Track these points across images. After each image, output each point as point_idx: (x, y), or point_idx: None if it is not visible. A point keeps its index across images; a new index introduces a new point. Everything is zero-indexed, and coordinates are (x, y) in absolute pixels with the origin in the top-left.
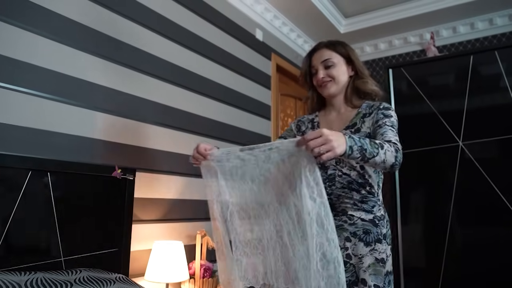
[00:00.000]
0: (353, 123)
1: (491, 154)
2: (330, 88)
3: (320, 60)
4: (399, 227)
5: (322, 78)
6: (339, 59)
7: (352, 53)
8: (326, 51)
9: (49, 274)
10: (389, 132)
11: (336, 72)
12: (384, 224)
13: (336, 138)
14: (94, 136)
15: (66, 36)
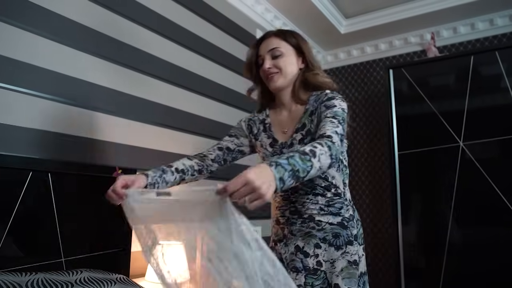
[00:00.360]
0: (302, 124)
1: (491, 154)
2: (277, 80)
3: (268, 49)
4: (399, 227)
5: (268, 68)
6: (288, 49)
7: (303, 44)
8: (275, 39)
9: (50, 274)
10: (327, 124)
11: (284, 63)
12: (354, 224)
13: (263, 181)
14: (95, 137)
15: (67, 37)
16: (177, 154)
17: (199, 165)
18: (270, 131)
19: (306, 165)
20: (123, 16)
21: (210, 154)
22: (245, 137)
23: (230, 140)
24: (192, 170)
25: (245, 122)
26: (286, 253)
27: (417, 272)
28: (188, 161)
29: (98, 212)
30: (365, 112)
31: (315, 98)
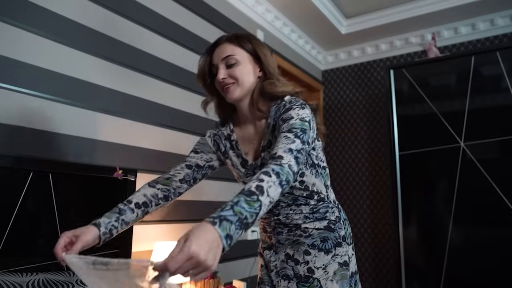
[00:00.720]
0: (268, 142)
1: (492, 154)
2: (234, 92)
3: (221, 57)
4: (400, 227)
5: (223, 79)
6: (244, 56)
7: (260, 50)
8: (229, 46)
9: (51, 275)
10: (281, 141)
11: (240, 72)
12: (341, 225)
13: (208, 250)
14: (95, 137)
15: (68, 37)
16: (177, 155)
17: (165, 191)
18: (238, 150)
19: (253, 208)
20: (124, 16)
21: (177, 174)
22: (213, 153)
23: (198, 157)
24: (156, 200)
25: (210, 138)
26: (276, 260)
27: (418, 273)
28: (150, 189)
29: (99, 212)
30: (366, 113)
31: (275, 110)
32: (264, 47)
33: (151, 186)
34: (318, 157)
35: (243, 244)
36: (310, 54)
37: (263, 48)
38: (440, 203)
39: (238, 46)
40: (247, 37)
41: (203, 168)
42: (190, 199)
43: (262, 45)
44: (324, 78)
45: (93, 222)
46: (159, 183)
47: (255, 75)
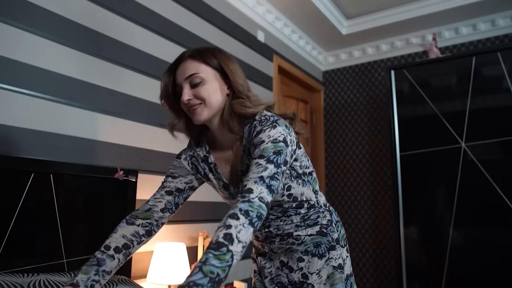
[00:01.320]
0: (246, 165)
1: (493, 155)
2: (201, 113)
3: (184, 76)
4: (401, 228)
5: (188, 100)
6: (210, 73)
7: (227, 64)
8: (192, 63)
9: (52, 275)
10: (252, 170)
11: (206, 92)
12: (333, 228)
13: None
14: (96, 138)
15: (68, 38)
16: None
17: (146, 226)
18: (217, 173)
19: (225, 262)
20: (123, 16)
21: (158, 203)
22: (192, 175)
23: (177, 181)
24: (138, 238)
25: (187, 161)
26: (271, 267)
27: (419, 273)
28: (129, 228)
29: (100, 213)
30: (367, 113)
31: (248, 130)
32: (231, 62)
33: (130, 223)
34: (302, 165)
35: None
36: (311, 55)
37: (230, 63)
38: (441, 204)
39: (202, 62)
40: (211, 52)
41: (184, 191)
42: (191, 199)
43: (228, 60)
44: (325, 78)
45: (71, 283)
46: (139, 218)
47: (223, 92)
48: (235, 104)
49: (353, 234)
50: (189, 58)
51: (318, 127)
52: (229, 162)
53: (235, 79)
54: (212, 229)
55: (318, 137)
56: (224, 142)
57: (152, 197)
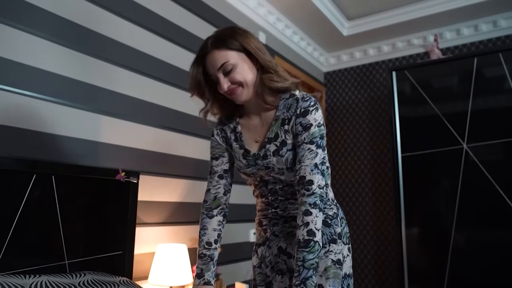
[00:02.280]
0: (275, 134)
1: (495, 156)
2: (242, 95)
3: (217, 67)
4: (403, 229)
5: (228, 88)
6: (237, 56)
7: (248, 43)
8: (218, 53)
9: (54, 277)
10: (306, 155)
11: (240, 75)
12: (338, 222)
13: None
14: (98, 139)
15: (70, 39)
16: (180, 157)
17: (221, 212)
18: (241, 141)
19: (316, 251)
20: (129, 20)
21: (219, 190)
22: (226, 150)
23: (220, 163)
24: (222, 225)
25: (219, 136)
26: (270, 255)
27: (420, 275)
28: (213, 221)
29: (102, 214)
30: (368, 114)
31: (284, 104)
32: (251, 39)
33: (211, 216)
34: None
35: (245, 246)
36: (312, 56)
37: (251, 41)
38: (442, 205)
39: (227, 49)
40: (232, 36)
41: (230, 170)
42: (192, 201)
43: (248, 38)
44: (326, 80)
45: (204, 283)
46: (213, 209)
47: (253, 69)
48: (265, 78)
49: (355, 235)
50: (214, 48)
51: None
52: (256, 130)
53: (260, 56)
54: None
55: None
56: (254, 111)
57: (210, 185)
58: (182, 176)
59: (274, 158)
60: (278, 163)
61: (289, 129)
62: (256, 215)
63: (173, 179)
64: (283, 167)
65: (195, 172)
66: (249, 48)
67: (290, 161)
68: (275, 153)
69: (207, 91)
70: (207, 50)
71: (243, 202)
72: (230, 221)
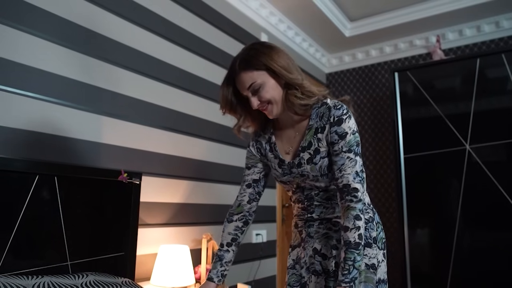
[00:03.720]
0: (308, 143)
1: (498, 157)
2: (272, 110)
3: (245, 88)
4: (405, 231)
5: (258, 105)
6: (263, 75)
7: (271, 63)
8: (246, 74)
9: (56, 278)
10: (346, 164)
11: (268, 93)
12: (374, 226)
13: None
14: (100, 140)
15: (72, 41)
16: (183, 158)
17: (241, 218)
18: (275, 151)
19: (362, 254)
20: (131, 21)
21: (244, 198)
22: (260, 161)
23: (251, 173)
24: (240, 230)
25: (254, 147)
26: (305, 256)
27: (423, 276)
28: (231, 225)
29: (104, 215)
30: (370, 116)
31: (317, 113)
32: (275, 58)
33: (230, 221)
34: None
35: (248, 248)
36: (314, 57)
37: (275, 61)
38: (445, 206)
39: (253, 70)
40: (256, 57)
41: (260, 180)
42: (194, 202)
43: (271, 58)
44: (329, 81)
45: (208, 278)
46: (234, 215)
47: (280, 85)
48: (290, 95)
49: None
50: (241, 71)
51: None
52: (290, 141)
53: (283, 74)
54: (216, 231)
55: None
56: (287, 122)
57: (238, 192)
58: (184, 177)
59: (308, 166)
60: (312, 171)
61: (323, 137)
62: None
63: (175, 180)
64: (317, 174)
65: (197, 173)
66: (273, 68)
67: (324, 168)
68: (309, 161)
69: (240, 108)
70: (235, 73)
71: None
72: None
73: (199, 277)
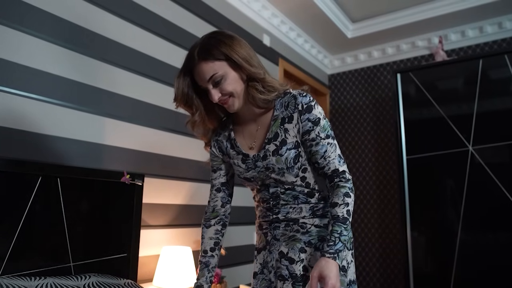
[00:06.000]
0: (275, 134)
1: (501, 158)
2: (234, 104)
3: (206, 80)
4: (408, 232)
5: (219, 99)
6: (224, 66)
7: (232, 54)
8: (206, 64)
9: (59, 279)
10: (329, 149)
11: (230, 86)
12: None
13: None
14: (103, 142)
15: (75, 42)
16: (185, 159)
17: (219, 222)
18: (237, 147)
19: (350, 229)
20: (134, 23)
21: (216, 203)
22: (223, 162)
23: (218, 176)
24: (220, 233)
25: (215, 148)
26: (272, 260)
27: (426, 277)
28: (210, 230)
29: (107, 217)
30: (373, 117)
31: (281, 103)
32: (237, 48)
33: (208, 226)
34: None
35: (249, 249)
36: (317, 58)
37: (236, 52)
38: (448, 208)
39: (214, 60)
40: (217, 46)
41: (228, 183)
42: (197, 203)
43: (232, 49)
44: (331, 82)
45: (197, 286)
46: (211, 219)
47: (242, 78)
48: (251, 89)
49: (360, 238)
50: (201, 60)
51: None
52: (252, 135)
53: (244, 66)
54: None
55: None
56: (247, 116)
57: (210, 197)
58: (187, 179)
59: (274, 158)
60: (278, 163)
61: (292, 127)
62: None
63: (178, 182)
64: (283, 167)
65: (200, 175)
66: (234, 59)
67: (290, 161)
68: (275, 152)
69: (197, 102)
70: (194, 62)
71: (247, 204)
72: (234, 224)
73: None
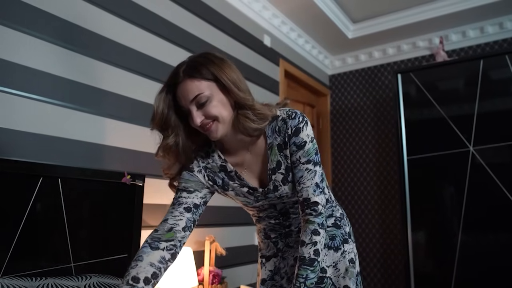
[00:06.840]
0: (277, 163)
1: (502, 159)
2: (217, 131)
3: (189, 99)
4: (409, 232)
5: (201, 122)
6: (212, 87)
7: (221, 75)
8: (192, 82)
9: (60, 280)
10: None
11: (216, 109)
12: (346, 222)
13: None
14: (104, 142)
15: (75, 43)
16: None
17: (170, 249)
18: (241, 180)
19: (317, 271)
20: (136, 24)
21: (179, 221)
22: (207, 188)
23: (193, 196)
24: (164, 264)
25: (202, 174)
26: (286, 267)
27: (427, 278)
28: (154, 254)
29: (107, 217)
30: (374, 117)
31: (272, 129)
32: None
33: (154, 248)
34: None
35: (250, 249)
36: (317, 59)
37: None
38: (449, 208)
39: (201, 79)
40: (205, 65)
41: (200, 207)
42: None
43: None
44: (331, 82)
45: None
46: (162, 241)
47: (230, 103)
48: (242, 117)
49: (360, 238)
50: (187, 78)
51: (325, 131)
52: (248, 165)
53: (233, 91)
54: (219, 233)
55: (325, 141)
56: (237, 146)
57: (169, 215)
58: None
59: (286, 187)
60: (291, 189)
61: (286, 151)
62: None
63: None
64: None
65: None
66: (223, 80)
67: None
68: (284, 181)
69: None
70: (178, 79)
71: None
72: (235, 224)
73: (202, 279)
